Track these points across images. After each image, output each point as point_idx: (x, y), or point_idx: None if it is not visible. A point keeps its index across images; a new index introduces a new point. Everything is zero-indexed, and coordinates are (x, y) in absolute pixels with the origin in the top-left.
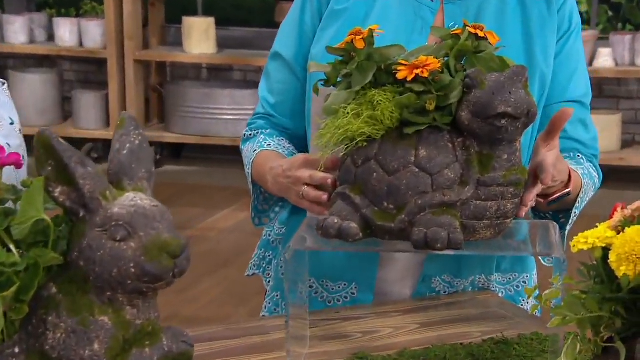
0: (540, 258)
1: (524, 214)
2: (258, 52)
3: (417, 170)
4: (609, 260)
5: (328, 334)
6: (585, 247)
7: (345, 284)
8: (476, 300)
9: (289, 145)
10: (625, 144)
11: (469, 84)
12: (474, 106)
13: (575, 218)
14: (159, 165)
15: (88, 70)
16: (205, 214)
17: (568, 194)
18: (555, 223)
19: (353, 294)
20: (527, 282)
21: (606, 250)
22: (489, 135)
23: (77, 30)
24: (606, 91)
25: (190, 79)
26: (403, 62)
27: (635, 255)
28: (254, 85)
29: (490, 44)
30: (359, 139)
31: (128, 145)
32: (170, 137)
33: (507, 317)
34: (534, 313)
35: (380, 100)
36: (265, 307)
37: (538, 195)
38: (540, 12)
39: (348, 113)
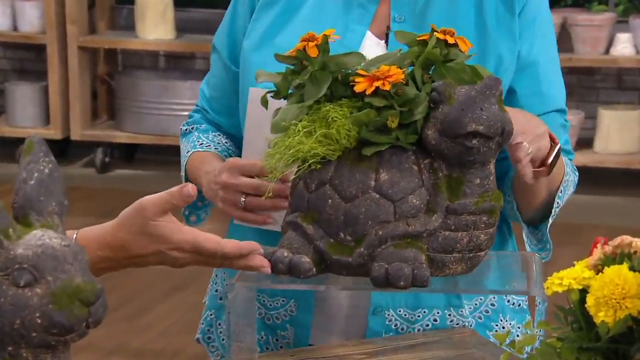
0: (526, 243)
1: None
2: None
3: (377, 196)
4: (586, 305)
5: None
6: (560, 290)
7: (283, 300)
8: (450, 340)
9: (225, 141)
10: None
11: (435, 99)
12: (442, 124)
13: (560, 205)
14: (108, 170)
15: (24, 58)
16: None
17: (560, 149)
18: (537, 255)
19: (292, 312)
20: (495, 305)
21: (584, 292)
22: (459, 156)
23: (11, 12)
24: (626, 82)
25: (145, 69)
26: (362, 72)
27: (615, 299)
28: None
29: (461, 51)
30: (311, 161)
31: (36, 174)
32: (121, 137)
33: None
34: None
35: (336, 117)
36: (199, 330)
37: (535, 168)
38: (497, 9)
39: (299, 131)
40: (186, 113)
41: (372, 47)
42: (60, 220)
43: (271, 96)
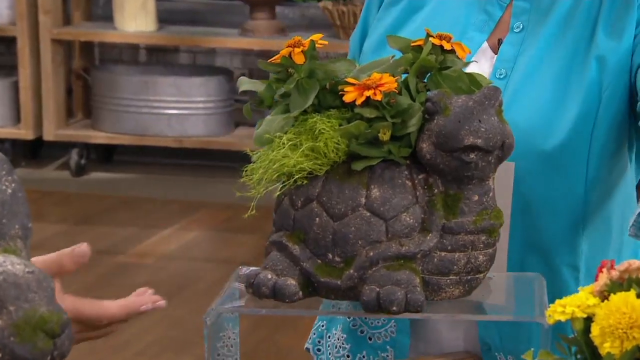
0: None
1: None
2: (209, 29)
3: (368, 214)
4: (591, 335)
5: None
6: (562, 318)
7: (384, 320)
8: None
9: None
10: None
11: (430, 109)
12: (437, 137)
13: None
14: (84, 172)
15: None
16: (141, 234)
17: None
18: (542, 277)
19: (392, 333)
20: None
21: (589, 320)
22: (456, 171)
23: None
24: None
25: (124, 63)
26: (352, 80)
27: (622, 329)
28: (205, 71)
29: (458, 58)
30: (297, 176)
31: None
32: (98, 137)
33: None
34: None
35: (324, 129)
36: (309, 339)
37: None
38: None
39: (284, 143)
40: (169, 111)
41: (483, 60)
42: (24, 244)
43: (254, 106)
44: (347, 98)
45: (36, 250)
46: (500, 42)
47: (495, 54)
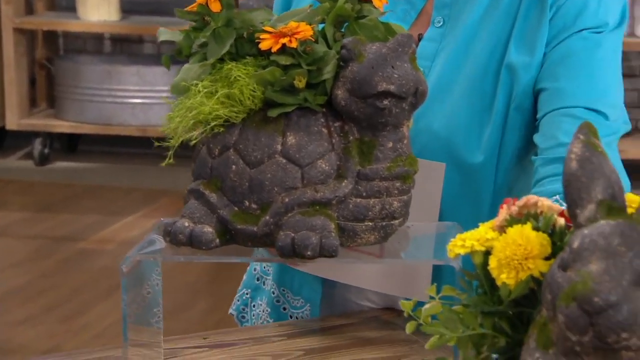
0: None
1: None
2: (172, 19)
3: (284, 161)
4: (489, 267)
5: None
6: (462, 252)
7: (302, 302)
8: (379, 319)
9: None
10: None
11: (345, 56)
12: (351, 83)
13: None
14: (48, 162)
15: None
16: (104, 221)
17: None
18: (459, 225)
19: (307, 315)
20: None
21: (488, 255)
22: (370, 118)
23: None
24: None
25: (88, 53)
26: (268, 29)
27: (517, 260)
28: None
29: (375, 7)
30: (213, 123)
31: None
32: (62, 126)
33: (412, 340)
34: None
35: (239, 76)
36: (234, 305)
37: None
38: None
39: (200, 91)
40: (132, 100)
41: None
42: None
43: (173, 56)
44: (263, 46)
45: None
46: (420, 37)
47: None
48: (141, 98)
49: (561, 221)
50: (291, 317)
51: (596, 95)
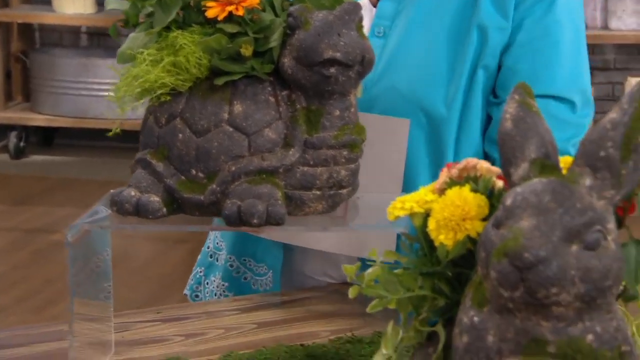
0: None
1: None
2: None
3: (230, 129)
4: (427, 229)
5: (140, 339)
6: (402, 214)
7: (265, 269)
8: (338, 293)
9: None
10: None
11: (291, 24)
12: (298, 51)
13: None
14: (24, 155)
15: None
16: (78, 214)
17: None
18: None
19: (269, 283)
20: None
21: (428, 217)
22: (317, 86)
23: None
24: None
25: (65, 46)
26: None
27: (455, 221)
28: None
29: None
30: (159, 92)
31: None
32: (38, 120)
33: (366, 314)
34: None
35: (185, 44)
36: (187, 285)
37: None
38: None
39: (145, 59)
40: (108, 94)
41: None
42: None
43: (120, 25)
44: (210, 14)
45: None
46: None
47: (375, 7)
48: None
49: (500, 183)
50: (254, 285)
51: (566, 84)
